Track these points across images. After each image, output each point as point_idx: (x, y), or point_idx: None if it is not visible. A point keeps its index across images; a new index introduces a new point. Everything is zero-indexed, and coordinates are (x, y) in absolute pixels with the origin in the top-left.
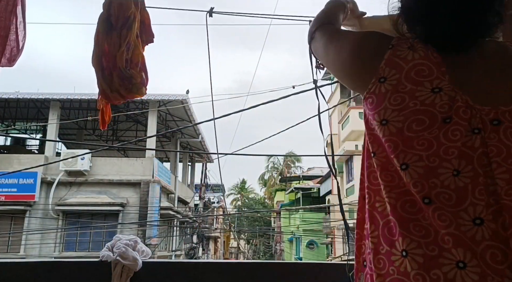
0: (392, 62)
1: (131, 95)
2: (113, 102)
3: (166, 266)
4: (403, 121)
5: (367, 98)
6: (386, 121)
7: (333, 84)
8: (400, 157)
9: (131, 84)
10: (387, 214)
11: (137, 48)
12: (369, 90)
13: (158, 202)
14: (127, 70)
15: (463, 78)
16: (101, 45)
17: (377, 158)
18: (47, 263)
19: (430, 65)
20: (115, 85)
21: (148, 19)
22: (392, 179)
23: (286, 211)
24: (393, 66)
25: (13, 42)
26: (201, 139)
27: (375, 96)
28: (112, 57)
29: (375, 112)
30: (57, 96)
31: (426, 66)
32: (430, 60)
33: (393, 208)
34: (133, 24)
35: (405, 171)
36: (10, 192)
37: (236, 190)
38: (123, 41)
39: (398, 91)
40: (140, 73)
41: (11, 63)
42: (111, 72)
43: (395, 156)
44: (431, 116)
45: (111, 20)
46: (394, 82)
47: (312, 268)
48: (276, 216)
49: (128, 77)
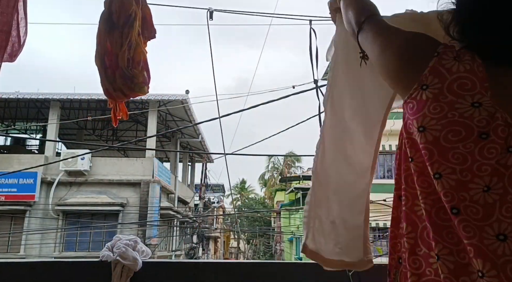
0: (436, 71)
1: (134, 94)
2: (117, 101)
3: (166, 266)
4: (440, 130)
5: (407, 102)
6: (424, 128)
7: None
8: (434, 166)
9: (134, 84)
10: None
11: (139, 47)
12: (410, 96)
13: (158, 202)
14: (129, 70)
15: (505, 96)
16: (103, 43)
17: (415, 163)
18: (47, 263)
19: (473, 80)
20: (118, 84)
21: (150, 15)
22: (428, 185)
23: (286, 211)
24: (436, 75)
25: (14, 38)
26: (201, 139)
27: (416, 102)
28: (115, 56)
29: (415, 118)
30: (57, 96)
31: (469, 80)
32: (474, 74)
33: (428, 214)
34: (134, 22)
35: (438, 180)
36: (10, 192)
37: (236, 190)
38: (124, 40)
39: (438, 101)
40: (142, 72)
41: (12, 59)
42: (113, 71)
43: (429, 164)
44: (468, 129)
45: (112, 18)
46: (436, 91)
47: (312, 268)
48: (276, 216)
49: (130, 77)
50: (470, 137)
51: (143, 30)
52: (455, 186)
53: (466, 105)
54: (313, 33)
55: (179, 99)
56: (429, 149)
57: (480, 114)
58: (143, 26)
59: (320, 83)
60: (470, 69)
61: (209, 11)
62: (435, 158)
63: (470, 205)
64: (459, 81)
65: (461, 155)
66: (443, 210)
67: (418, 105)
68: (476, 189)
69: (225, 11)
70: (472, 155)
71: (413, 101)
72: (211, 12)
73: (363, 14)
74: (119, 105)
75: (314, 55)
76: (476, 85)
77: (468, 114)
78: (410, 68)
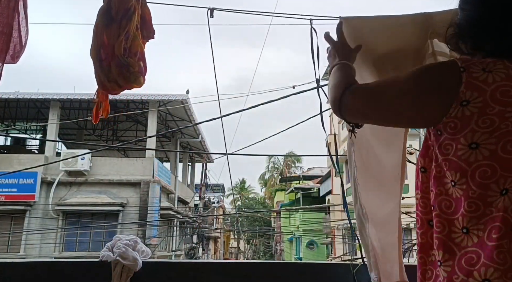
0: (472, 85)
1: (129, 85)
2: (111, 93)
3: (166, 266)
4: (496, 143)
5: (446, 123)
6: (477, 144)
7: None
8: (501, 182)
9: (129, 73)
10: (466, 245)
11: (137, 39)
12: (449, 115)
13: (158, 202)
14: (125, 58)
15: None
16: (99, 37)
17: (459, 187)
18: (47, 263)
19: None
20: (113, 75)
21: (149, 15)
22: (476, 207)
23: (286, 211)
24: (474, 89)
25: (16, 39)
26: (201, 139)
27: (458, 121)
28: (111, 48)
29: (461, 136)
30: (57, 96)
31: (510, 86)
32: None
33: (480, 239)
34: (133, 16)
35: (505, 196)
36: (10, 192)
37: (236, 190)
38: (122, 31)
39: (485, 114)
40: (138, 62)
41: (14, 60)
42: (109, 63)
43: (494, 181)
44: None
45: (111, 12)
46: (480, 104)
47: (312, 268)
48: (276, 216)
49: (126, 65)
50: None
51: (141, 29)
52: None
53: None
54: (314, 33)
55: (179, 99)
56: (490, 165)
57: None
58: (142, 26)
59: (322, 82)
60: (506, 77)
61: (209, 9)
62: (499, 173)
63: None
64: (500, 89)
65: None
66: (494, 230)
67: (462, 123)
68: None
69: (225, 10)
70: None
71: (454, 119)
72: (211, 10)
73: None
74: (103, 102)
75: (316, 54)
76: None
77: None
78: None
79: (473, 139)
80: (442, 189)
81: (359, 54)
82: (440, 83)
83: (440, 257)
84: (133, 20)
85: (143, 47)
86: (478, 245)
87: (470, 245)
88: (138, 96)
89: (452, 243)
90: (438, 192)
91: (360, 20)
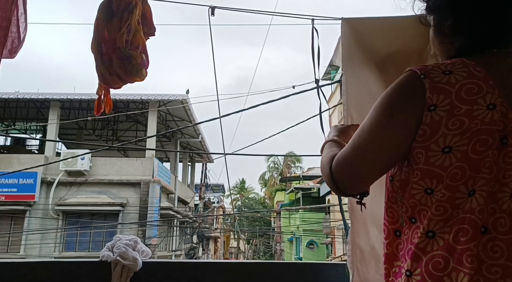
0: (436, 89)
1: (130, 79)
2: (112, 87)
3: (166, 266)
4: (467, 144)
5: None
6: (450, 148)
7: (333, 84)
8: (469, 184)
9: (131, 65)
10: (432, 249)
11: (138, 33)
12: (423, 123)
13: (158, 202)
14: (127, 50)
15: (510, 91)
16: (101, 31)
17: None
18: (47, 263)
19: (477, 82)
20: (115, 68)
21: (150, 13)
22: (444, 210)
23: (286, 211)
24: (439, 92)
25: (14, 34)
26: (201, 139)
27: (426, 127)
28: (112, 42)
29: (431, 142)
30: (57, 96)
31: (474, 84)
32: (475, 76)
33: (446, 242)
34: (134, 9)
35: (472, 197)
36: (10, 192)
37: (236, 190)
38: (123, 24)
39: (454, 115)
40: (140, 54)
41: (12, 55)
42: (110, 57)
43: (462, 183)
44: (492, 135)
45: (112, 7)
46: (447, 107)
47: (312, 268)
48: (276, 216)
49: (128, 57)
50: (494, 144)
51: (142, 26)
52: (486, 200)
53: (483, 110)
54: (315, 33)
55: (179, 99)
56: (461, 167)
57: (498, 117)
58: (143, 23)
59: (321, 83)
60: (468, 75)
61: (210, 7)
62: (468, 174)
63: (499, 217)
64: (464, 88)
65: (490, 164)
66: (461, 232)
67: (431, 129)
68: (503, 198)
69: (226, 9)
70: (497, 163)
71: (423, 127)
72: (212, 8)
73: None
74: (106, 97)
75: (316, 54)
76: (482, 86)
77: (489, 119)
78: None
79: (445, 143)
80: (417, 200)
81: (361, 55)
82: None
83: (410, 266)
84: (134, 13)
85: (145, 41)
86: (444, 248)
87: (436, 248)
88: (138, 96)
89: (418, 249)
90: (412, 204)
91: (362, 21)
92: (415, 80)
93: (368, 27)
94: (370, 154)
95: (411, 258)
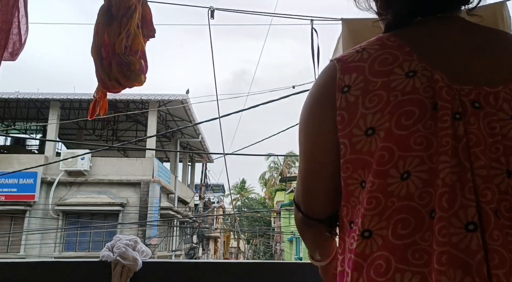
0: (348, 68)
1: (129, 84)
2: (112, 91)
3: (166, 266)
4: (389, 120)
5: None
6: (373, 129)
7: None
8: (400, 165)
9: (130, 71)
10: (371, 252)
11: (137, 38)
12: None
13: (158, 202)
14: (126, 56)
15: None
16: (100, 35)
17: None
18: (47, 263)
19: (391, 51)
20: (114, 73)
21: (150, 14)
22: (377, 202)
23: (286, 211)
24: (351, 71)
25: (15, 36)
26: (201, 139)
27: (343, 111)
28: (112, 47)
29: (352, 127)
30: (57, 96)
31: (387, 54)
32: (388, 47)
33: (385, 239)
34: (134, 13)
35: (407, 180)
36: (10, 192)
37: (236, 190)
38: (123, 29)
39: (369, 91)
40: (139, 60)
41: (13, 57)
42: (110, 62)
43: (392, 165)
44: (420, 105)
45: (112, 11)
46: (361, 84)
47: (312, 268)
48: (276, 216)
49: (127, 63)
50: (426, 114)
51: (142, 28)
52: (429, 180)
53: (402, 80)
54: (314, 33)
55: (179, 99)
56: (387, 148)
57: (421, 83)
58: (142, 24)
59: None
60: (380, 47)
61: (210, 9)
62: (397, 154)
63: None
64: (378, 60)
65: (423, 139)
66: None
67: (349, 112)
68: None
69: (226, 10)
70: (436, 135)
71: (340, 111)
72: (212, 11)
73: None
74: (102, 101)
75: (316, 54)
76: (397, 55)
77: (410, 88)
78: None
79: (367, 125)
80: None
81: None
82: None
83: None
84: (134, 18)
85: (144, 46)
86: (383, 248)
87: (376, 250)
88: (138, 96)
89: (356, 256)
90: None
91: (361, 22)
92: (329, 67)
93: (367, 27)
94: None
95: (352, 268)
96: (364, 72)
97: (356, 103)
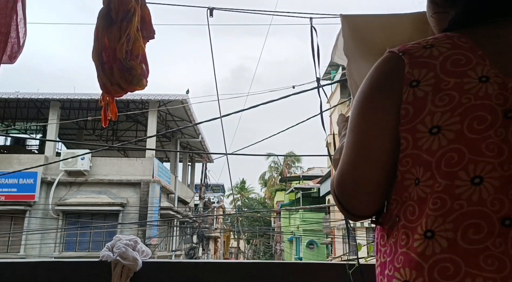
0: (417, 63)
1: (131, 88)
2: (114, 96)
3: (166, 266)
4: (460, 122)
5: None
6: (438, 128)
7: (333, 84)
8: (470, 168)
9: (132, 76)
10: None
11: (138, 41)
12: (405, 102)
13: (158, 202)
14: (127, 61)
15: (505, 60)
16: (101, 40)
17: (424, 184)
18: (47, 263)
19: (464, 53)
20: (116, 78)
21: (149, 16)
22: (442, 204)
23: (286, 211)
24: (421, 66)
25: (14, 39)
26: (201, 139)
27: (409, 106)
28: (112, 51)
29: (417, 123)
30: (57, 96)
31: (460, 54)
32: (460, 47)
33: (452, 242)
34: (133, 17)
35: (480, 186)
36: (10, 192)
37: (236, 190)
38: (123, 33)
39: (441, 90)
40: (140, 65)
41: (12, 60)
42: (111, 66)
43: (462, 168)
44: (492, 112)
45: (111, 14)
46: (432, 80)
47: (312, 268)
48: (276, 216)
49: (128, 68)
50: (497, 121)
51: (142, 30)
52: (500, 187)
53: (475, 83)
54: (314, 31)
55: (179, 99)
56: (457, 150)
57: (493, 89)
58: (142, 26)
59: (322, 82)
60: (452, 46)
61: (208, 9)
62: (468, 157)
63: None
64: (450, 59)
65: (495, 146)
66: (473, 228)
67: (415, 107)
68: None
69: (225, 9)
70: (507, 142)
71: (405, 105)
72: (211, 10)
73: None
74: (110, 105)
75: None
76: (470, 57)
77: (483, 93)
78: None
79: (433, 123)
80: (406, 194)
81: (359, 52)
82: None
83: (408, 276)
84: (133, 21)
85: (145, 50)
86: (450, 251)
87: (439, 251)
88: (138, 96)
89: (416, 254)
90: (405, 199)
91: (360, 18)
92: (392, 58)
93: (366, 24)
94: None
95: (410, 266)
96: (435, 69)
97: (425, 99)
